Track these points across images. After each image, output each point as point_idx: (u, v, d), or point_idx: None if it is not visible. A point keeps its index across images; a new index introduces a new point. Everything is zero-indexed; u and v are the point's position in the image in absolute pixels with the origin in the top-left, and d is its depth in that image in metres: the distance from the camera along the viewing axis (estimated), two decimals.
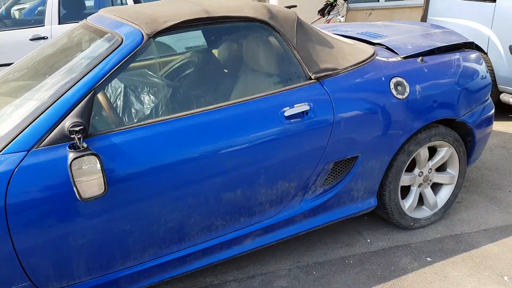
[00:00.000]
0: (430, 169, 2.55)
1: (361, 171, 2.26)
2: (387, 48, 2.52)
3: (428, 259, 2.35)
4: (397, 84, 2.25)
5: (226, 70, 2.52)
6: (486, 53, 4.14)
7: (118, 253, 1.82)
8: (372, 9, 6.20)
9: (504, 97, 4.10)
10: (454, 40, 2.63)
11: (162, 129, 1.80)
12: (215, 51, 2.67)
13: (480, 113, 2.58)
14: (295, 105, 2.02)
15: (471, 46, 2.76)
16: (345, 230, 2.61)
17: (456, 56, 2.53)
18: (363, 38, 2.72)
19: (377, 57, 2.35)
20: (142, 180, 1.74)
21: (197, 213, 1.90)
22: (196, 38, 3.01)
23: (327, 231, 2.59)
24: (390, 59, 2.37)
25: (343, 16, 5.39)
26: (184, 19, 1.93)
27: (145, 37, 1.86)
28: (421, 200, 2.63)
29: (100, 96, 2.02)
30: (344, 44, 2.33)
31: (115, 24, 2.02)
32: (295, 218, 2.19)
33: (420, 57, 2.40)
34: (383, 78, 2.24)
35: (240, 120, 1.91)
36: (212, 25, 2.02)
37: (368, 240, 2.52)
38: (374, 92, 2.20)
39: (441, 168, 2.66)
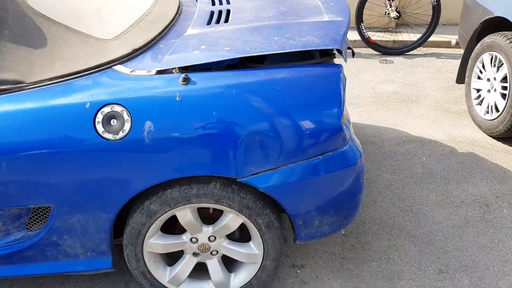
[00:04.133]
0: (213, 236, 1.73)
1: (63, 225, 1.61)
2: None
3: None
4: (110, 117, 1.46)
5: None
6: None
7: None
8: None
9: None
10: (300, 45, 1.57)
11: None
12: None
13: (299, 172, 1.56)
14: None
15: (333, 54, 1.66)
16: (118, 279, 2.02)
17: (273, 74, 1.52)
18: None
19: (117, 67, 1.55)
20: None
21: None
22: None
23: (94, 278, 2.04)
24: (136, 72, 1.53)
25: None
26: None
27: None
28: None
29: None
30: (77, 42, 1.57)
31: None
32: None
33: (183, 75, 1.50)
34: (88, 105, 1.47)
35: None
36: None
37: None
38: (66, 124, 1.46)
39: (248, 239, 1.79)
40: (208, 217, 1.76)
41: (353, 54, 2.14)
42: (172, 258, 1.87)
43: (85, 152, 1.47)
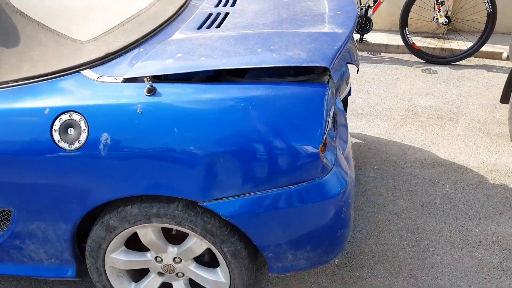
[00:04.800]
0: (179, 258, 1.61)
1: (24, 230, 1.56)
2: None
3: None
4: (67, 125, 1.37)
5: None
6: None
7: None
8: None
9: None
10: (282, 60, 1.39)
11: None
12: None
13: (268, 202, 1.40)
14: None
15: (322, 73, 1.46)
16: None
17: (247, 91, 1.36)
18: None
19: (85, 72, 1.46)
20: None
21: None
22: None
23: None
24: (103, 79, 1.43)
25: None
26: None
27: None
28: None
29: None
30: (51, 43, 1.50)
31: None
32: None
33: (148, 86, 1.38)
34: (47, 111, 1.39)
35: None
36: None
37: None
38: (25, 129, 1.39)
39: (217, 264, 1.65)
40: (176, 236, 1.65)
41: (357, 71, 1.92)
42: (140, 273, 1.78)
43: (41, 160, 1.40)
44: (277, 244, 1.50)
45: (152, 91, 1.38)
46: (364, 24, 4.43)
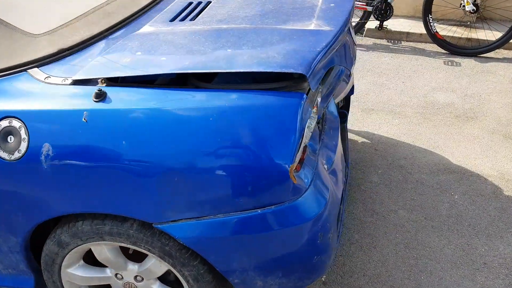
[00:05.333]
0: (140, 277, 1.47)
1: None
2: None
3: None
4: (7, 132, 1.23)
5: None
6: None
7: None
8: None
9: None
10: (252, 64, 1.19)
11: None
12: None
13: (230, 226, 1.23)
14: None
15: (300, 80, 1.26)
16: None
17: (208, 100, 1.18)
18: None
19: (32, 71, 1.30)
20: None
21: None
22: None
23: None
24: (51, 80, 1.27)
25: None
26: None
27: None
28: None
29: None
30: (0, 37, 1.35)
31: None
32: None
33: (97, 90, 1.21)
34: None
35: None
36: None
37: None
38: None
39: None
40: (138, 252, 1.51)
41: (350, 74, 1.70)
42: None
43: None
44: (243, 271, 1.33)
45: (100, 97, 1.21)
46: (383, 10, 4.12)
